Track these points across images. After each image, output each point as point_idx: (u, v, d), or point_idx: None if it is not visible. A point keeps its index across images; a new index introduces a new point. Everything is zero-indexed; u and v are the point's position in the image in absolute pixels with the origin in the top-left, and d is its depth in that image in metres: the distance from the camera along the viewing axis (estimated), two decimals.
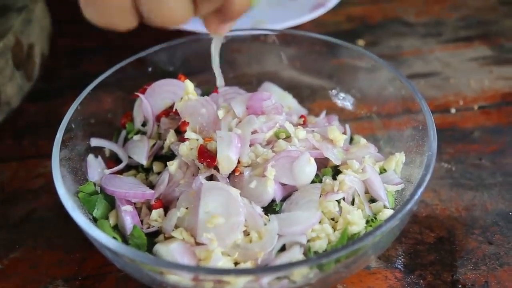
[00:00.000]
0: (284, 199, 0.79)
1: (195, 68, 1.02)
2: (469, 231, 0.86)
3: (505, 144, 1.00)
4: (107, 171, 0.86)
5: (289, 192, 0.79)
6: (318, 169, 0.80)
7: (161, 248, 0.73)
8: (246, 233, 0.75)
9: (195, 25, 1.24)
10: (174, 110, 0.87)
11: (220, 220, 0.72)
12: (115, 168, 0.87)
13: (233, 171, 0.78)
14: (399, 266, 0.82)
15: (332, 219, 0.77)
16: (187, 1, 0.63)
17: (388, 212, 0.77)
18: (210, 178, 0.79)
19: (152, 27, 0.65)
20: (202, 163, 0.79)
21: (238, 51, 1.05)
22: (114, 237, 0.74)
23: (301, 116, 0.92)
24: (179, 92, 0.89)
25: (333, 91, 1.01)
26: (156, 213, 0.78)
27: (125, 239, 0.78)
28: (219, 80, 0.85)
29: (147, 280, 0.72)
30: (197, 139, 0.82)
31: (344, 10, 1.38)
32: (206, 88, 0.99)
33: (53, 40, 1.26)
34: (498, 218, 0.88)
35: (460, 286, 0.79)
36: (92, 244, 0.75)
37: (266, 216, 0.76)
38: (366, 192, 0.81)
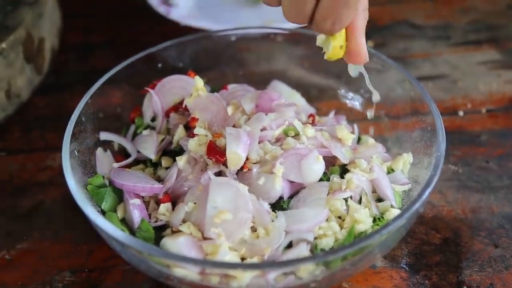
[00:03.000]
0: (291, 197, 0.79)
1: (205, 65, 1.03)
2: (475, 233, 0.86)
3: None
4: (116, 165, 0.86)
5: (296, 189, 0.79)
6: (326, 167, 0.81)
7: (168, 242, 0.74)
8: (254, 229, 0.75)
9: (205, 22, 1.25)
10: (183, 105, 0.88)
11: (227, 216, 0.73)
12: (124, 162, 0.87)
13: (242, 168, 0.79)
14: (405, 266, 0.82)
15: (339, 218, 0.77)
16: None
17: (395, 212, 0.78)
18: (219, 174, 0.79)
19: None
20: (210, 159, 0.79)
21: (247, 49, 1.05)
22: (122, 230, 0.75)
23: (310, 115, 0.93)
24: (189, 88, 0.90)
25: (341, 91, 1.01)
26: (164, 207, 0.79)
27: (132, 233, 0.78)
28: (375, 95, 0.83)
29: (154, 273, 0.72)
30: (206, 135, 0.82)
31: None
32: (215, 85, 0.99)
33: (63, 35, 1.27)
34: (504, 221, 0.88)
35: (465, 287, 0.79)
36: (99, 237, 0.75)
37: (274, 213, 0.76)
38: (374, 191, 0.81)
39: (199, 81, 0.88)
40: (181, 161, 0.81)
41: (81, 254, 0.85)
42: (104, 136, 0.90)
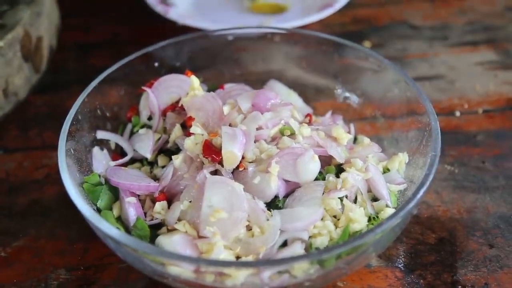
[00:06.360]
0: (287, 196, 0.79)
1: (202, 64, 1.03)
2: (470, 233, 0.86)
3: (508, 148, 1.00)
4: (112, 163, 0.87)
5: (292, 188, 0.80)
6: (322, 166, 0.81)
7: (163, 240, 0.74)
8: (249, 228, 0.75)
9: (202, 22, 1.25)
10: (180, 105, 0.88)
11: (223, 215, 0.73)
12: (120, 161, 0.87)
13: (237, 167, 0.79)
14: (400, 266, 0.82)
15: (334, 217, 0.78)
16: None
17: (390, 211, 0.78)
18: (215, 173, 0.79)
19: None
20: (206, 158, 0.79)
21: (245, 49, 1.05)
22: (117, 228, 0.75)
23: (307, 115, 0.93)
24: (186, 87, 0.90)
25: (338, 90, 1.01)
26: (160, 205, 0.79)
27: (128, 231, 0.78)
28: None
29: (149, 271, 0.72)
30: (202, 134, 0.82)
31: (350, 12, 1.38)
32: (212, 84, 0.99)
33: (61, 34, 1.27)
34: (500, 221, 0.88)
35: (460, 287, 0.79)
36: (94, 235, 0.75)
37: (269, 212, 0.76)
38: (369, 191, 0.81)
39: (195, 81, 0.88)
40: (177, 160, 0.81)
41: (76, 252, 0.85)
42: (101, 134, 0.90)
